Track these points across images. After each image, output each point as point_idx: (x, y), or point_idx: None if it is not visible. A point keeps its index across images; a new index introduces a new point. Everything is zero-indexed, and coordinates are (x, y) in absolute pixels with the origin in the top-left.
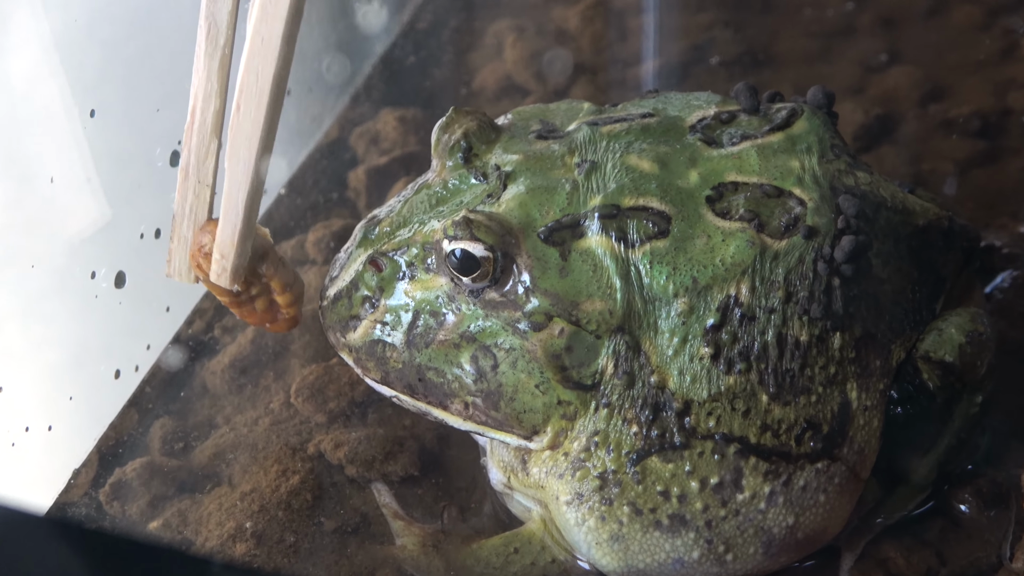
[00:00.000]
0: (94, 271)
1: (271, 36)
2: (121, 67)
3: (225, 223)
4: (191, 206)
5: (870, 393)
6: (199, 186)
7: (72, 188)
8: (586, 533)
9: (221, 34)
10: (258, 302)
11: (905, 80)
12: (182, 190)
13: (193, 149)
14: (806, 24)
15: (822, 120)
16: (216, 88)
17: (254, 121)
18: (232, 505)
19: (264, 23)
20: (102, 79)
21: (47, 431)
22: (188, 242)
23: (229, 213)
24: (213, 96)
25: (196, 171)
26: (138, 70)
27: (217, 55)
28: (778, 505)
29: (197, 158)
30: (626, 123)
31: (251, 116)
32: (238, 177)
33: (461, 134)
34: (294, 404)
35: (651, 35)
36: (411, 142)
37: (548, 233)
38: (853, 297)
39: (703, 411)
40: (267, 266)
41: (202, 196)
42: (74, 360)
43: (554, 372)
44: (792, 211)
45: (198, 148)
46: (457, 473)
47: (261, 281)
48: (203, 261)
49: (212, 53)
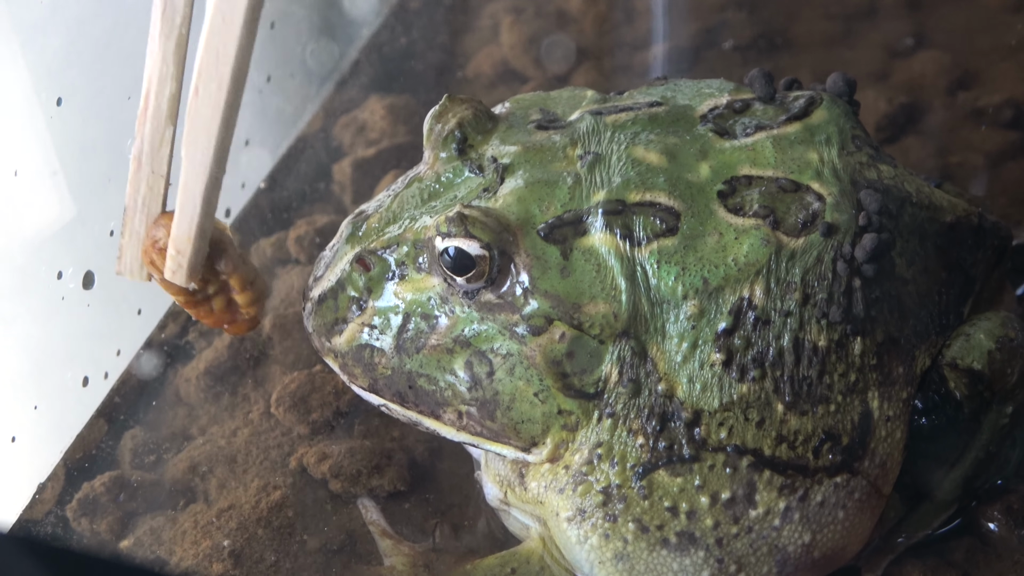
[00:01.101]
0: (60, 271)
1: (233, 13)
2: (88, 50)
3: (181, 216)
4: (144, 198)
5: (893, 403)
6: (152, 176)
7: (37, 181)
8: (588, 552)
9: (177, 12)
10: (215, 301)
11: (932, 66)
12: (134, 181)
13: (147, 137)
14: (826, 5)
15: (842, 109)
16: (172, 71)
17: (213, 106)
18: (208, 522)
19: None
20: (68, 63)
21: (10, 442)
22: (140, 237)
23: (186, 206)
24: (168, 79)
25: (150, 160)
26: (106, 54)
27: (173, 35)
28: (794, 522)
29: (151, 146)
30: (632, 112)
31: (210, 100)
32: (196, 167)
33: (455, 124)
34: (275, 414)
35: (659, 17)
36: (400, 132)
37: (548, 230)
38: (875, 299)
39: (714, 421)
40: (225, 262)
41: (156, 187)
42: (39, 366)
43: (554, 379)
44: (810, 207)
45: (152, 136)
46: (449, 488)
47: (219, 278)
48: (157, 257)
49: (168, 33)
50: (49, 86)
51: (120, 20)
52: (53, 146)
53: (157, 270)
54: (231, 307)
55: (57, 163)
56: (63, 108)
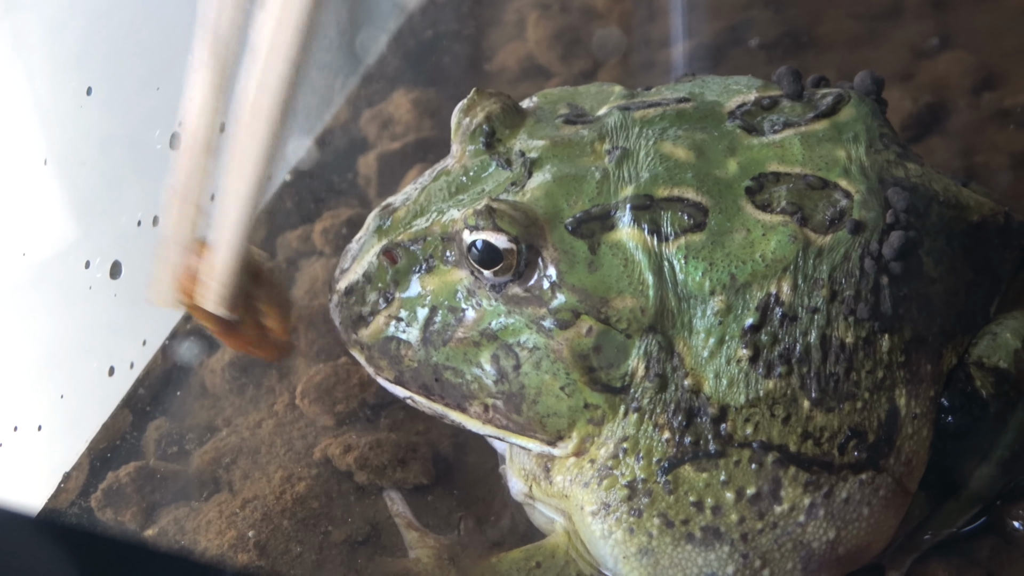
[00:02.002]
0: (88, 260)
1: (279, 45)
2: (119, 40)
3: (218, 246)
4: (179, 227)
5: (919, 400)
6: (188, 206)
7: (66, 171)
8: (613, 546)
9: (221, 44)
10: (248, 328)
11: (957, 66)
12: (170, 210)
13: (184, 168)
14: (851, 5)
15: (870, 107)
16: (211, 102)
17: (257, 137)
18: (233, 513)
19: (274, 32)
20: (99, 53)
21: (36, 431)
22: (174, 265)
23: (223, 235)
24: (208, 111)
25: (186, 190)
26: (137, 44)
27: (216, 66)
28: (818, 518)
29: (188, 176)
30: (660, 108)
31: (253, 132)
32: (235, 197)
33: (483, 117)
34: (299, 406)
35: (684, 14)
36: (426, 126)
37: (576, 224)
38: (902, 297)
39: (740, 417)
40: (258, 289)
41: (191, 217)
42: (65, 355)
43: (581, 373)
44: (837, 204)
45: (189, 166)
46: (474, 482)
47: (252, 305)
48: (191, 286)
49: (210, 64)
50: (79, 75)
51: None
52: (82, 135)
53: (190, 299)
54: (262, 333)
55: (86, 152)
56: (93, 97)
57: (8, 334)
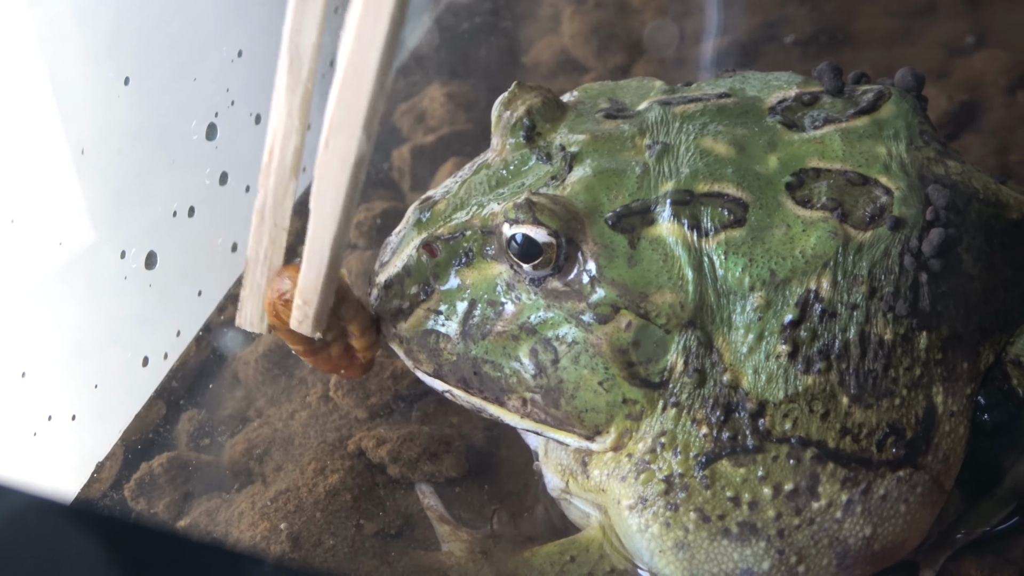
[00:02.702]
0: (124, 250)
1: (365, 66)
2: (158, 31)
3: (308, 268)
4: (266, 251)
5: (957, 398)
6: (275, 229)
7: (103, 160)
8: (649, 540)
9: (304, 67)
10: (333, 348)
11: (992, 65)
12: (257, 234)
13: (270, 190)
14: (886, 2)
15: (911, 104)
16: (296, 125)
17: (343, 159)
18: (265, 505)
19: (358, 52)
20: (136, 43)
21: (70, 420)
22: (262, 289)
23: (313, 257)
24: (293, 133)
25: (272, 214)
26: (175, 34)
27: (299, 90)
28: (855, 515)
29: (275, 200)
30: (701, 103)
31: (340, 154)
32: (324, 219)
33: (524, 111)
34: (333, 398)
35: (719, 10)
36: (460, 119)
37: (616, 219)
38: (941, 294)
39: (779, 413)
40: (345, 309)
41: (278, 240)
42: (100, 345)
43: (620, 368)
44: (877, 200)
45: (276, 189)
46: (508, 476)
47: (339, 325)
48: (282, 309)
49: (293, 88)
50: (118, 65)
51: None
52: (120, 125)
53: (281, 321)
54: (348, 352)
55: (123, 142)
56: (131, 87)
57: (43, 323)
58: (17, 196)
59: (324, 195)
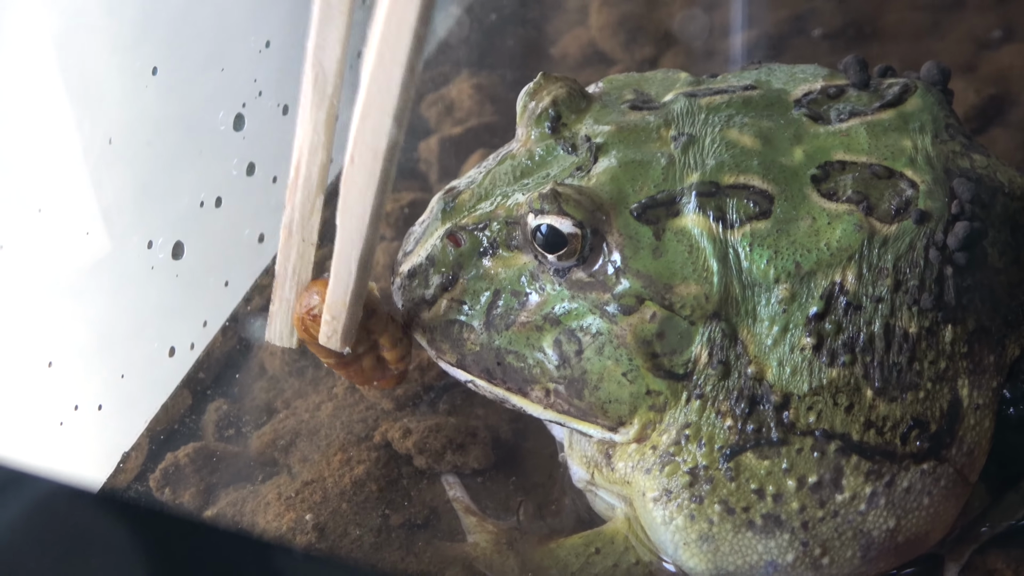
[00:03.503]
0: (151, 240)
1: (389, 84)
2: (186, 21)
3: (336, 283)
4: (294, 266)
5: (982, 391)
6: (303, 245)
7: (130, 150)
8: (673, 532)
9: (329, 83)
10: (365, 361)
11: (1020, 59)
12: (284, 249)
13: (297, 206)
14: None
15: (936, 98)
16: (323, 140)
17: (369, 174)
18: (292, 495)
19: (382, 69)
20: (163, 33)
21: (96, 410)
22: (290, 304)
23: (341, 272)
24: (320, 149)
25: (300, 229)
26: (203, 24)
27: (324, 105)
28: (879, 507)
29: (302, 215)
30: (727, 95)
31: (366, 169)
32: (351, 234)
33: (549, 101)
34: (359, 389)
35: (746, 3)
36: (487, 111)
37: (641, 210)
38: (966, 288)
39: (803, 405)
40: (375, 322)
41: (306, 255)
42: (127, 335)
43: (644, 359)
44: (903, 194)
45: (303, 205)
46: (534, 468)
47: (369, 338)
48: (311, 324)
49: (319, 103)
50: (145, 55)
51: None
52: (147, 115)
53: (310, 336)
54: (380, 364)
55: (151, 132)
56: (158, 77)
57: (70, 313)
58: (44, 186)
59: (351, 211)
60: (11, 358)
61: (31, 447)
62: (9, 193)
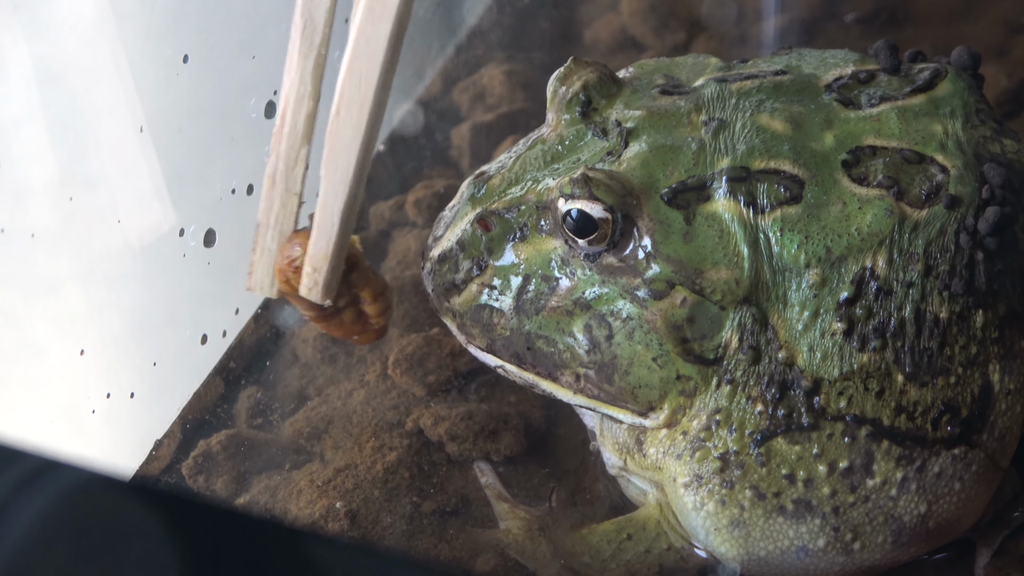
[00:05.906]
0: (182, 228)
1: (377, 37)
2: (218, 9)
3: (319, 235)
4: (276, 216)
5: (1014, 376)
6: (287, 195)
7: (162, 138)
8: (704, 518)
9: (317, 32)
10: (345, 314)
11: None
12: (267, 199)
13: (282, 155)
14: None
15: (967, 83)
16: (309, 90)
17: (354, 127)
18: (324, 482)
19: (369, 23)
20: (194, 21)
21: (129, 398)
22: (272, 254)
23: (324, 224)
24: (306, 99)
25: (284, 179)
26: (235, 12)
27: (312, 55)
28: (910, 492)
29: (286, 165)
30: (757, 80)
31: (351, 122)
32: (335, 186)
33: (580, 86)
34: (391, 376)
35: None
36: (519, 98)
37: (672, 195)
38: (997, 273)
39: (834, 390)
40: (357, 275)
41: (289, 205)
42: (159, 323)
43: (674, 344)
44: (934, 179)
45: (287, 154)
46: (565, 454)
47: (350, 291)
48: (292, 275)
49: (307, 53)
50: (176, 43)
51: None
52: (179, 103)
53: (290, 287)
54: (361, 319)
55: (182, 120)
56: (189, 65)
57: (102, 301)
58: (77, 174)
59: (335, 163)
60: (44, 346)
61: (63, 435)
62: (41, 181)
